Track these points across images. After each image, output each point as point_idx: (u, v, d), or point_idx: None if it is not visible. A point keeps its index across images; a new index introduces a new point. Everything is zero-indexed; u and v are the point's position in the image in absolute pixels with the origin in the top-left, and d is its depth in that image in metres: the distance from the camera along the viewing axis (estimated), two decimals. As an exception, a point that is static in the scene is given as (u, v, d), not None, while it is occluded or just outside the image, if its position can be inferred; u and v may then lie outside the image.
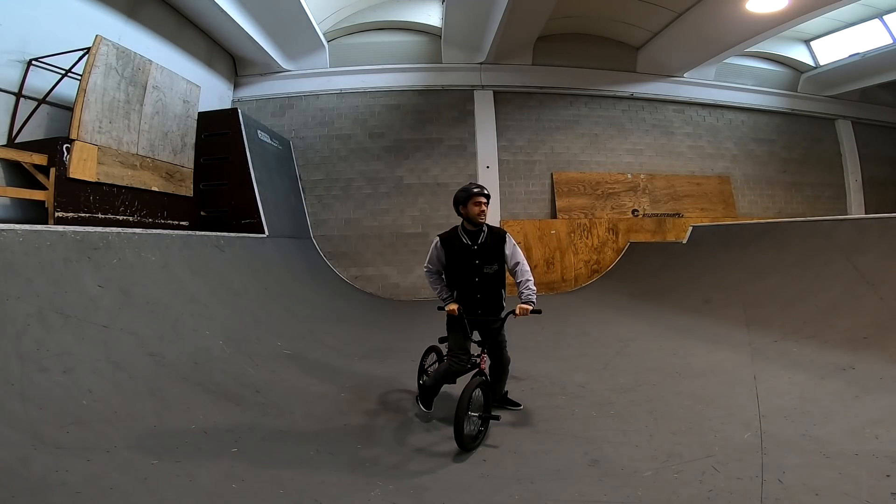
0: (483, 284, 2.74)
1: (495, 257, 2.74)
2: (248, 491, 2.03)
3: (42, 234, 2.89)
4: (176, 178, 5.38)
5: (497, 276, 2.76)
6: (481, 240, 2.74)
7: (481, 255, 2.72)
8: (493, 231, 2.80)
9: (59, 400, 2.26)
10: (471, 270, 2.74)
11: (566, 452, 2.37)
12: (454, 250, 2.75)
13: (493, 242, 2.76)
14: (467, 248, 2.73)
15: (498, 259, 2.74)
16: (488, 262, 2.73)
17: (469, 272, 2.75)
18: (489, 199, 2.76)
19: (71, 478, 1.86)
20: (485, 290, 2.74)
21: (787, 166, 10.18)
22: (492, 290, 2.76)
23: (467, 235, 2.76)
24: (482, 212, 2.71)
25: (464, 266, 2.75)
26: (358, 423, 2.80)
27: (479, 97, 8.67)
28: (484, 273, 2.72)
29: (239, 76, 8.32)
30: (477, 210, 2.70)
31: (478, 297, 2.73)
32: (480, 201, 2.70)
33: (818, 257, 4.24)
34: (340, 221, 8.28)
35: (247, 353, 3.68)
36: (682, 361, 3.64)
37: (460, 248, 2.75)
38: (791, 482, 1.91)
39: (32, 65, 4.30)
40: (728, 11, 7.39)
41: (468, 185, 2.78)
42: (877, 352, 2.97)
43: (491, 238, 2.77)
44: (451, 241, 2.78)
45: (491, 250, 2.74)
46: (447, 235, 2.81)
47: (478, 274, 2.73)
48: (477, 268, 2.72)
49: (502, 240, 2.76)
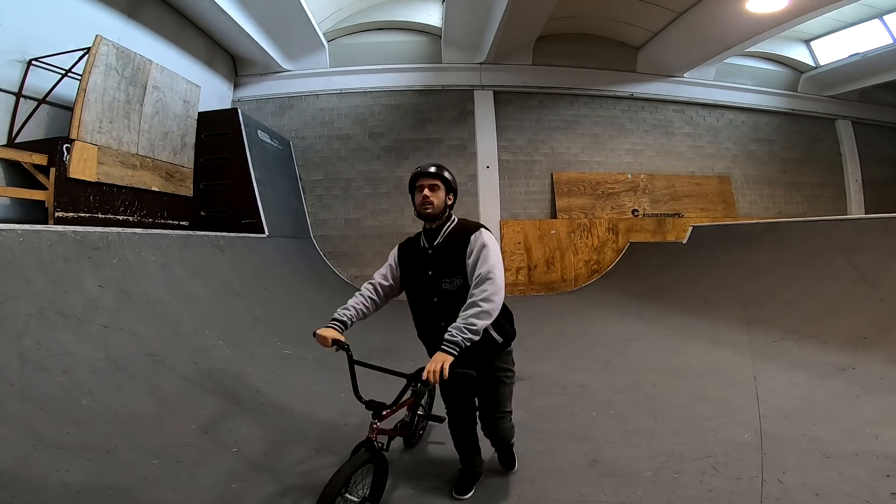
0: (446, 308, 1.81)
1: (456, 265, 1.81)
2: (248, 491, 2.03)
3: (42, 234, 2.89)
4: (176, 178, 5.38)
5: (465, 294, 1.77)
6: (439, 240, 1.88)
7: (437, 262, 1.85)
8: (457, 227, 1.90)
9: (59, 400, 2.25)
10: (425, 287, 1.88)
11: (566, 452, 2.37)
12: (410, 259, 1.96)
13: (454, 242, 1.84)
14: (421, 255, 1.91)
15: (461, 268, 1.80)
16: (447, 274, 1.82)
17: (423, 290, 1.89)
18: (448, 182, 1.90)
19: (71, 478, 1.86)
20: (450, 315, 1.74)
21: (787, 166, 10.18)
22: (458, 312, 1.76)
23: (426, 237, 1.94)
24: (427, 201, 1.85)
25: (417, 281, 1.92)
26: (358, 423, 2.80)
27: (479, 97, 8.67)
28: (443, 290, 1.83)
29: (239, 76, 8.32)
30: (419, 199, 1.87)
31: (441, 327, 1.76)
32: (423, 184, 1.87)
33: (818, 257, 4.24)
34: (340, 221, 8.28)
35: (247, 353, 3.68)
36: (682, 361, 3.64)
37: (415, 256, 1.94)
38: (791, 482, 1.91)
39: (32, 65, 4.30)
40: (728, 11, 7.38)
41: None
42: (877, 352, 2.97)
43: (452, 236, 1.87)
44: (410, 246, 2.00)
45: (450, 255, 1.83)
46: (408, 240, 2.04)
47: (435, 292, 1.85)
48: (431, 282, 1.85)
49: (465, 236, 1.82)
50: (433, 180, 1.88)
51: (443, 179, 1.88)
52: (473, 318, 1.66)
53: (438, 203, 1.87)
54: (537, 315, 5.94)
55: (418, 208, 1.90)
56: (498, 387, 1.92)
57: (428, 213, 1.86)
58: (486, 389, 1.93)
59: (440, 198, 1.87)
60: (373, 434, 1.70)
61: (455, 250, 1.83)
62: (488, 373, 1.87)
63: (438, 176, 1.88)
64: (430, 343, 1.94)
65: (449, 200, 1.92)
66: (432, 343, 1.87)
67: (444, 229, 1.91)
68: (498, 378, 1.92)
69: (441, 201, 1.87)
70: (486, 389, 1.92)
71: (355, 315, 1.92)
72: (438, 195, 1.87)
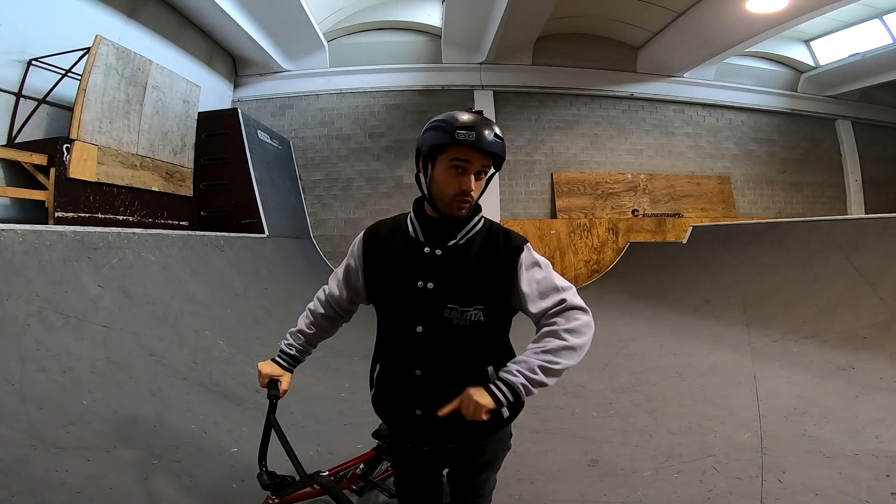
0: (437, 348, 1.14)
1: (485, 287, 1.14)
2: (248, 491, 2.03)
3: (42, 234, 2.89)
4: (176, 178, 5.38)
5: (481, 335, 1.14)
6: (458, 240, 1.17)
7: (446, 273, 1.15)
8: (492, 229, 1.21)
9: (59, 400, 2.25)
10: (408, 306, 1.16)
11: (566, 452, 2.37)
12: (386, 257, 1.22)
13: (489, 252, 1.16)
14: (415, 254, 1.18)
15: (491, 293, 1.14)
16: (461, 298, 1.13)
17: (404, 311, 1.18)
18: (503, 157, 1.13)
19: (71, 478, 1.86)
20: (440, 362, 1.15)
21: (787, 166, 10.17)
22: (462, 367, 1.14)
23: (425, 229, 1.20)
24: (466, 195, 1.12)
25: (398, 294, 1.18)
26: (358, 423, 2.80)
27: (479, 97, 8.66)
28: (442, 319, 1.13)
29: (239, 76, 8.32)
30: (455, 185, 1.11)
31: (416, 377, 1.16)
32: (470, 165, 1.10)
33: (818, 257, 4.24)
34: (340, 221, 8.28)
35: (247, 353, 3.68)
36: (683, 361, 3.64)
37: (398, 252, 1.21)
38: (791, 482, 1.91)
39: (32, 65, 4.29)
40: (728, 11, 7.38)
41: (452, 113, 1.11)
42: (877, 352, 2.97)
43: (483, 242, 1.18)
44: (389, 238, 1.25)
45: (476, 268, 1.14)
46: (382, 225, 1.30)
47: (426, 318, 1.14)
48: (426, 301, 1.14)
49: (515, 249, 1.16)
50: (488, 160, 1.12)
51: (496, 155, 1.11)
52: (554, 357, 1.03)
53: (478, 196, 1.16)
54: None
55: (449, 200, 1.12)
56: (480, 471, 1.26)
57: (461, 215, 1.15)
58: (463, 470, 1.27)
59: (481, 188, 1.17)
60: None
61: (486, 263, 1.14)
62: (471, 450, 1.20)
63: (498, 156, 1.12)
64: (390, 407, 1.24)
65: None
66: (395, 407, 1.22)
67: (471, 227, 1.20)
68: (483, 462, 1.24)
69: (479, 192, 1.17)
70: (465, 470, 1.27)
71: (307, 343, 1.40)
72: (481, 185, 1.16)
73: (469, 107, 1.17)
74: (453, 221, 1.17)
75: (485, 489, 1.32)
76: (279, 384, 1.32)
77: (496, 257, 1.15)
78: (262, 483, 1.27)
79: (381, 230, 1.28)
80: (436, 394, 1.11)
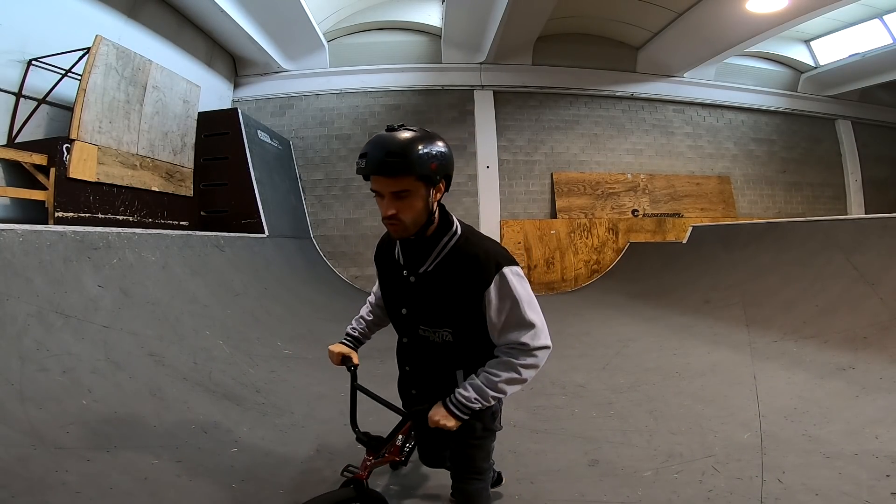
0: (417, 354, 1.38)
1: (451, 315, 1.23)
2: (248, 491, 2.03)
3: (42, 234, 2.89)
4: (176, 178, 5.38)
5: (451, 350, 1.28)
6: (428, 266, 1.25)
7: (418, 299, 1.28)
8: (462, 252, 1.22)
9: (59, 400, 2.25)
10: (398, 321, 1.38)
11: (566, 452, 2.37)
12: (385, 272, 1.43)
13: (456, 280, 1.20)
14: (396, 277, 1.33)
15: (457, 320, 1.23)
16: (429, 321, 1.27)
17: (397, 323, 1.40)
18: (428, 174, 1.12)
19: (71, 478, 1.86)
20: (420, 364, 1.41)
21: (787, 166, 10.18)
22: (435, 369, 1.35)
23: (404, 249, 1.32)
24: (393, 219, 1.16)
25: (391, 307, 1.41)
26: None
27: (479, 97, 8.66)
28: (418, 336, 1.31)
29: (239, 76, 8.32)
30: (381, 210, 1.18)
31: (406, 372, 1.47)
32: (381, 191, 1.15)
33: (818, 257, 4.24)
34: (340, 221, 8.28)
35: (247, 353, 3.68)
36: (682, 361, 3.64)
37: (389, 273, 1.39)
38: (791, 482, 1.91)
39: (32, 65, 4.30)
40: (728, 11, 7.38)
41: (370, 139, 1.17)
42: (877, 352, 2.97)
43: (452, 267, 1.21)
44: (385, 252, 1.44)
45: (442, 296, 1.22)
46: (384, 241, 1.46)
47: (409, 332, 1.35)
48: (406, 321, 1.33)
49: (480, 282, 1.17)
50: (398, 183, 1.11)
51: (411, 176, 1.10)
52: (505, 386, 1.18)
53: (413, 217, 1.16)
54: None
55: (387, 226, 1.21)
56: (465, 449, 1.42)
57: (400, 236, 1.22)
58: (455, 445, 1.45)
59: (415, 208, 1.15)
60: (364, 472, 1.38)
61: (452, 292, 1.19)
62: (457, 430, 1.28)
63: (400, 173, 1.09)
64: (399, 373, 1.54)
65: (438, 195, 1.19)
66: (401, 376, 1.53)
67: (438, 251, 1.22)
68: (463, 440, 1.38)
69: (417, 212, 1.15)
70: (455, 446, 1.45)
71: (367, 330, 1.58)
72: (411, 205, 1.14)
73: (391, 125, 1.17)
74: (425, 242, 1.25)
75: (475, 467, 1.45)
76: (351, 359, 1.49)
77: (465, 286, 1.20)
78: (362, 442, 1.42)
79: (382, 246, 1.48)
80: (421, 383, 1.45)
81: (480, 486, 1.47)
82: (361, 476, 1.38)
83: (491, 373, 1.20)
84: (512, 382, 1.19)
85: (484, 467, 1.47)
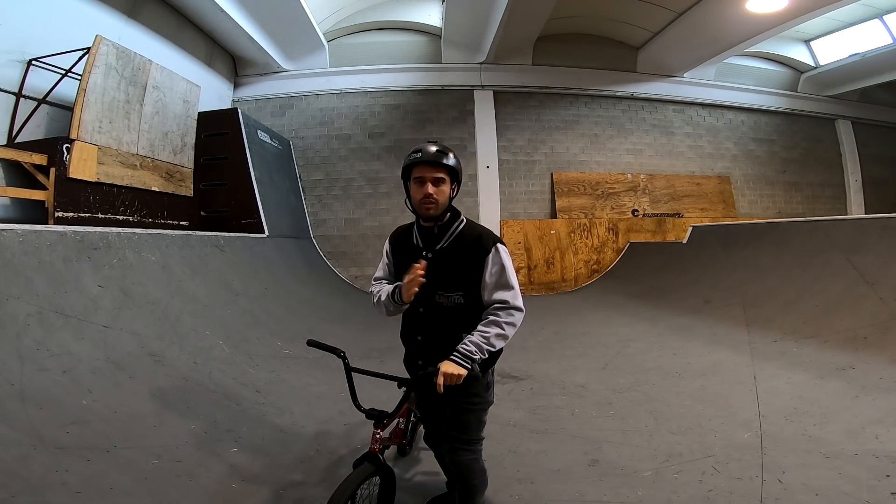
0: (431, 323, 1.61)
1: (462, 278, 1.55)
2: (247, 491, 2.03)
3: (42, 234, 2.89)
4: (176, 178, 5.38)
5: (461, 312, 1.56)
6: (442, 244, 1.59)
7: (435, 270, 1.55)
8: (469, 232, 1.60)
9: (59, 400, 2.26)
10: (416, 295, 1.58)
11: (566, 452, 2.37)
12: (402, 257, 1.68)
13: (464, 251, 1.56)
14: (415, 257, 1.60)
15: (467, 283, 1.55)
16: (445, 286, 1.56)
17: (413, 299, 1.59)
18: (456, 171, 1.56)
19: (71, 478, 1.86)
20: (432, 332, 1.61)
21: (787, 166, 10.18)
22: (446, 335, 1.56)
23: (420, 234, 1.65)
24: (430, 200, 1.52)
25: None
26: (358, 423, 2.80)
27: (479, 97, 8.67)
28: (434, 304, 1.58)
29: (239, 76, 8.32)
30: (420, 194, 1.54)
31: (418, 341, 1.65)
32: (425, 176, 1.52)
33: (818, 257, 4.24)
34: (340, 221, 8.28)
35: (247, 353, 3.68)
36: (682, 361, 3.64)
37: (407, 255, 1.65)
38: (791, 482, 1.91)
39: (32, 65, 4.30)
40: (728, 11, 7.39)
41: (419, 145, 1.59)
42: (877, 352, 2.97)
43: (461, 244, 1.58)
44: (402, 240, 1.72)
45: (455, 266, 1.56)
46: (400, 231, 1.76)
47: (424, 302, 1.59)
48: (423, 292, 1.56)
49: (483, 250, 1.54)
50: (438, 172, 1.52)
51: (449, 169, 1.54)
52: (495, 340, 1.48)
53: (443, 201, 1.55)
54: (537, 315, 5.93)
55: (418, 206, 1.55)
56: (461, 413, 1.61)
57: (430, 214, 1.55)
58: (452, 414, 1.63)
59: (445, 194, 1.55)
60: (376, 445, 1.53)
61: (462, 261, 1.55)
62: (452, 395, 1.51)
63: (445, 166, 1.52)
64: (407, 347, 1.74)
65: (453, 193, 1.59)
66: (409, 349, 1.73)
67: (451, 232, 1.60)
68: (459, 404, 1.60)
69: (446, 198, 1.55)
70: (453, 414, 1.63)
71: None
72: (443, 190, 1.54)
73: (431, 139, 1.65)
74: (440, 228, 1.62)
75: (469, 438, 1.64)
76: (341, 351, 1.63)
77: (471, 255, 1.57)
78: (370, 416, 1.57)
79: (399, 236, 1.75)
80: (429, 351, 1.61)
81: (472, 458, 1.65)
82: (375, 450, 1.53)
83: (482, 331, 1.50)
84: (499, 337, 1.50)
85: (477, 438, 1.67)
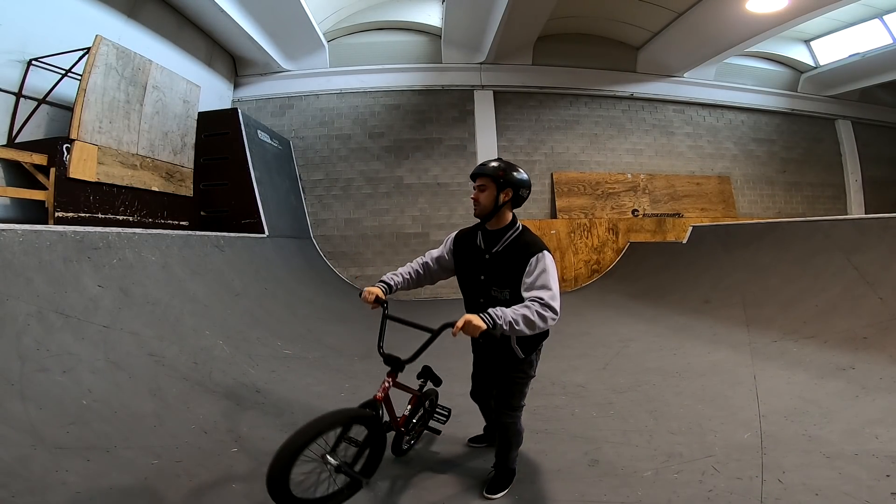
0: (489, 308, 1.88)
1: (510, 278, 1.83)
2: (248, 491, 2.03)
3: (42, 234, 2.89)
4: (176, 178, 5.38)
5: (507, 302, 1.82)
6: (498, 248, 1.92)
7: (491, 269, 1.90)
8: (520, 240, 1.91)
9: (59, 400, 2.26)
10: (474, 286, 1.97)
11: (566, 452, 2.37)
12: (465, 254, 2.04)
13: (513, 256, 1.85)
14: (478, 256, 1.97)
15: (513, 283, 1.83)
16: (498, 283, 1.88)
17: (473, 288, 1.99)
18: (497, 177, 1.90)
19: (71, 478, 1.86)
20: None
21: (787, 166, 10.18)
22: None
23: (484, 237, 1.99)
24: (474, 202, 1.95)
25: (469, 279, 2.01)
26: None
27: (479, 97, 8.67)
28: (491, 296, 1.90)
29: (239, 76, 8.32)
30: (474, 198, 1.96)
31: None
32: (474, 185, 1.97)
33: (818, 257, 4.24)
34: (340, 221, 8.28)
35: (247, 353, 3.68)
36: (682, 361, 3.64)
37: (470, 254, 2.02)
38: (791, 482, 1.91)
39: (32, 65, 4.30)
40: (728, 11, 7.39)
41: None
42: (877, 352, 2.97)
43: (512, 249, 1.88)
44: (466, 240, 2.07)
45: (506, 266, 1.86)
46: (466, 232, 2.10)
47: (483, 294, 1.93)
48: (482, 286, 1.93)
49: (528, 255, 1.81)
50: (479, 180, 1.95)
51: (488, 176, 1.91)
52: (524, 324, 1.66)
53: (485, 203, 1.92)
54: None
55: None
56: (509, 385, 1.98)
57: (475, 213, 1.96)
58: (499, 382, 2.01)
59: (488, 197, 1.92)
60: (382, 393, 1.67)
61: (513, 264, 1.84)
62: (502, 370, 1.97)
63: (482, 175, 1.93)
64: None
65: (504, 197, 1.91)
66: None
67: (507, 237, 1.93)
68: (510, 377, 1.97)
69: (489, 201, 1.92)
70: (500, 382, 2.01)
71: (401, 282, 2.08)
72: (485, 195, 1.92)
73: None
74: (499, 232, 1.95)
75: (511, 403, 1.98)
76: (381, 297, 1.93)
77: (520, 260, 1.83)
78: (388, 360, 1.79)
79: (463, 236, 2.09)
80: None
81: (511, 421, 1.99)
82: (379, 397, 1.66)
83: (515, 308, 1.69)
84: (525, 319, 1.66)
85: (517, 405, 1.99)
